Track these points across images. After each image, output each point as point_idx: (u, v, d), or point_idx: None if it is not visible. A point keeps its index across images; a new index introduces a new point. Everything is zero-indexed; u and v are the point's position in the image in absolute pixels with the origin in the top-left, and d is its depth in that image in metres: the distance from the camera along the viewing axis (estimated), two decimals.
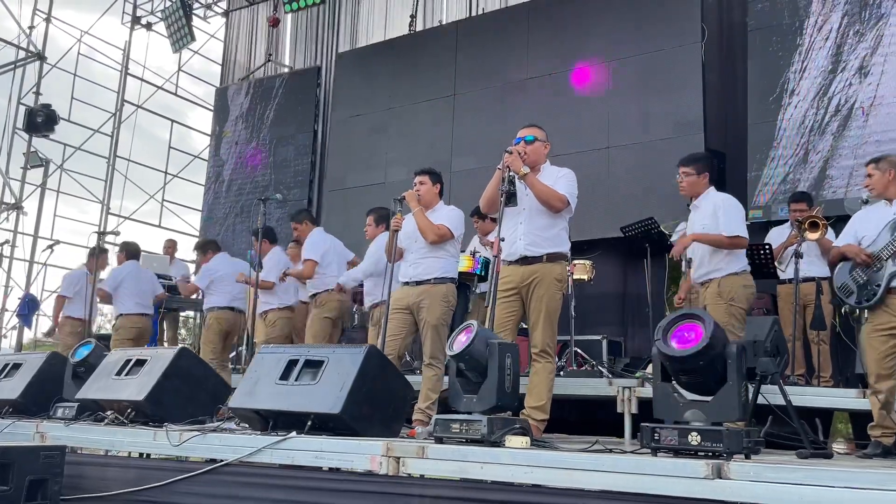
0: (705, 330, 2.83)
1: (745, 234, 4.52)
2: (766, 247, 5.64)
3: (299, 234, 6.62)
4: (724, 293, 4.38)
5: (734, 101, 7.91)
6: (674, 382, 2.95)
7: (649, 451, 2.82)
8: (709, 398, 2.86)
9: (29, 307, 9.23)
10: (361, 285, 6.14)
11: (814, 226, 5.31)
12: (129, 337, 7.12)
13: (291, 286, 6.84)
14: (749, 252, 5.64)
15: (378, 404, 3.63)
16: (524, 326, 4.32)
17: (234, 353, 7.57)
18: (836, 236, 5.42)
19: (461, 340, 3.28)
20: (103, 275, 7.71)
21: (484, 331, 3.32)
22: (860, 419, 4.54)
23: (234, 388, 4.19)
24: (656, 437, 2.78)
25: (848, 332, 5.82)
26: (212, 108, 12.69)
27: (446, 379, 3.91)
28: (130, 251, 7.64)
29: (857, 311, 4.09)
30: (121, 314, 7.27)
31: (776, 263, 5.73)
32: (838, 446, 4.59)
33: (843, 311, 5.69)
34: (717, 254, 4.53)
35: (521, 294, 4.08)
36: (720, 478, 2.46)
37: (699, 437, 2.68)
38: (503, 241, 3.91)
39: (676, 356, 2.85)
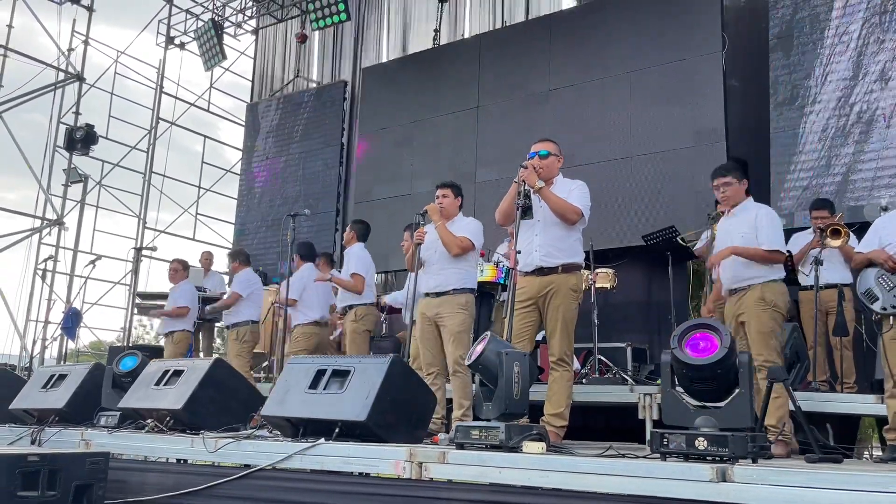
0: (721, 340, 2.92)
1: (783, 248, 4.39)
2: (787, 253, 5.67)
3: (347, 242, 6.72)
4: (767, 299, 4.22)
5: (756, 109, 7.93)
6: (679, 388, 3.05)
7: (659, 456, 2.93)
8: (715, 405, 2.96)
9: (73, 320, 9.56)
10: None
11: (836, 233, 5.34)
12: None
13: (315, 302, 6.84)
14: None
15: (402, 412, 3.75)
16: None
17: (265, 363, 7.76)
18: (859, 243, 5.47)
19: (476, 350, 3.41)
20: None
21: (496, 341, 3.43)
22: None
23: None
24: (665, 443, 2.89)
25: (874, 339, 5.82)
26: (243, 123, 13.01)
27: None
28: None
29: (882, 317, 4.12)
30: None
31: (799, 267, 5.74)
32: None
33: (862, 317, 5.72)
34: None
35: (538, 304, 4.21)
36: (724, 481, 2.56)
37: (706, 442, 2.78)
38: (519, 253, 4.05)
39: (694, 364, 2.93)
